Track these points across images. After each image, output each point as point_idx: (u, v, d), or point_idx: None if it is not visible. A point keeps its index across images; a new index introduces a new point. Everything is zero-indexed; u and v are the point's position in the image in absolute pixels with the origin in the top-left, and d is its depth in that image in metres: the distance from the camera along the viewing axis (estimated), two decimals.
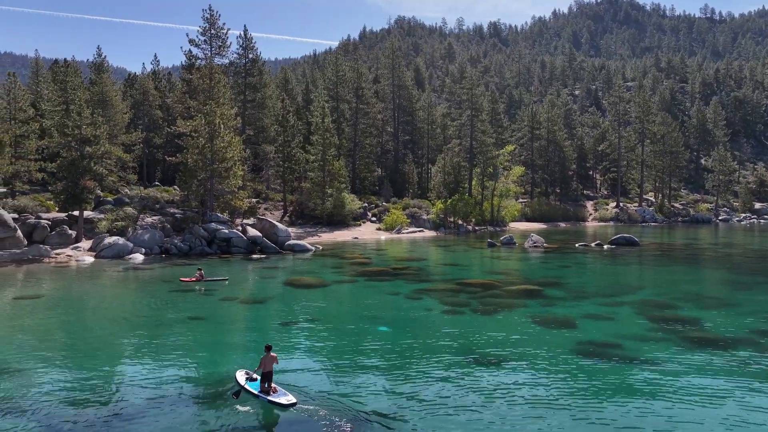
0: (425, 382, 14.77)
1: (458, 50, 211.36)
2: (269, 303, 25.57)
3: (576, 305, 24.48)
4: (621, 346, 17.99)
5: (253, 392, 13.11)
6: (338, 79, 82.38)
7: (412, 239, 59.12)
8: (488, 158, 72.92)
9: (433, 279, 31.65)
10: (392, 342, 18.92)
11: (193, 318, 22.21)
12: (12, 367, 15.91)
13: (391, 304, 25.26)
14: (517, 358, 16.78)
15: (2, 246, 39.19)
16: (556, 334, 19.70)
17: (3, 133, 44.66)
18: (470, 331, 20.13)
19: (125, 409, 12.82)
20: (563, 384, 14.54)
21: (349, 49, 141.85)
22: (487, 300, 25.37)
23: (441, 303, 24.79)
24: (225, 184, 47.61)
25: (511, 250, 47.49)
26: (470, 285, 28.86)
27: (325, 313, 23.44)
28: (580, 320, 21.56)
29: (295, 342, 19.05)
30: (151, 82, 79.33)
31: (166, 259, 40.19)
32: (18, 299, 25.69)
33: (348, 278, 31.89)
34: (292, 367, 15.92)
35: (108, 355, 17.69)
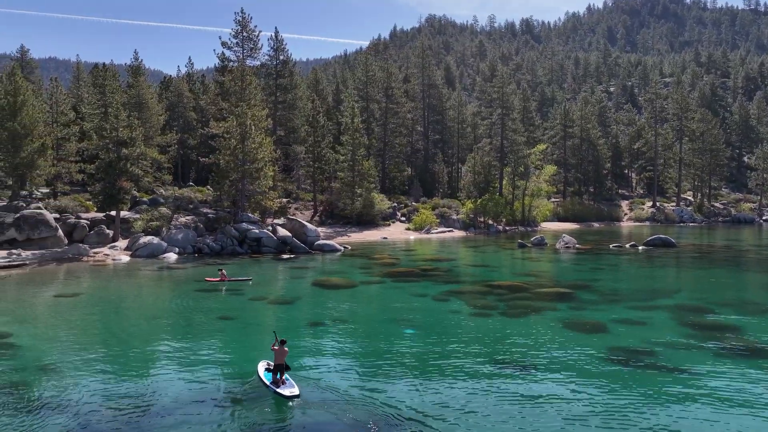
0: (447, 386, 14.65)
1: (489, 48, 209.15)
2: (297, 303, 25.80)
3: (608, 309, 23.91)
4: (654, 353, 17.48)
5: (266, 383, 13.93)
6: (368, 79, 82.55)
7: (442, 239, 58.83)
8: (519, 157, 71.93)
9: (462, 280, 31.41)
10: (418, 345, 18.86)
11: (223, 318, 22.59)
12: (50, 364, 16.47)
13: (418, 305, 25.17)
14: (545, 363, 16.49)
15: (44, 245, 40.70)
16: (586, 339, 19.28)
17: (45, 136, 46.28)
18: (497, 334, 19.89)
19: (154, 404, 13.13)
20: (592, 391, 14.20)
21: (379, 48, 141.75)
22: (515, 303, 25.03)
23: (468, 305, 24.58)
24: (256, 185, 48.28)
25: (542, 251, 46.76)
26: (499, 287, 28.53)
27: (352, 314, 23.53)
28: (611, 325, 21.06)
29: (322, 343, 19.16)
30: (186, 84, 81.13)
31: (199, 258, 41.01)
32: (58, 297, 26.61)
33: (376, 279, 31.93)
34: (316, 367, 16.03)
35: (140, 352, 18.14)
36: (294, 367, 15.48)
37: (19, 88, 44.80)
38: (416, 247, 50.75)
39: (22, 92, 44.80)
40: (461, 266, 37.60)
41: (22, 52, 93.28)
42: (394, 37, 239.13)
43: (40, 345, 18.71)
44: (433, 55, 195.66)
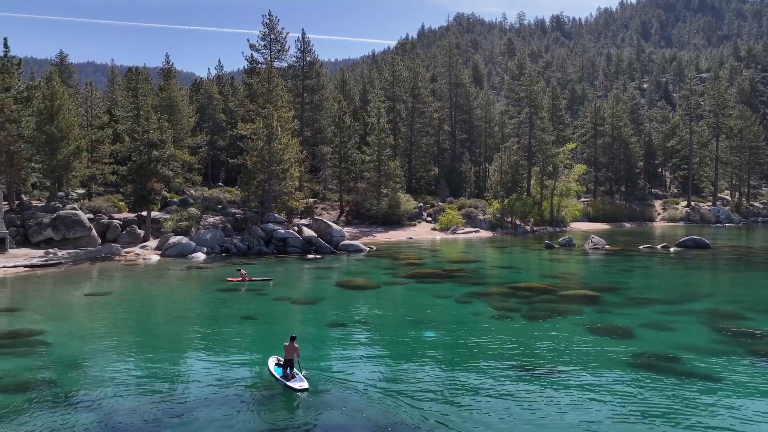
0: (462, 388, 14.53)
1: (519, 45, 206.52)
2: (320, 304, 25.97)
3: (635, 313, 23.35)
4: (681, 360, 17.00)
5: (276, 376, 14.72)
6: (394, 79, 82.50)
7: (468, 240, 58.41)
8: (548, 156, 70.83)
9: (486, 282, 31.12)
10: (436, 347, 18.78)
11: (246, 317, 22.92)
12: (77, 361, 16.99)
13: (440, 307, 25.06)
14: (566, 368, 16.20)
15: (79, 244, 41.98)
16: (610, 343, 18.86)
17: (80, 138, 47.72)
18: (519, 338, 19.63)
19: (173, 398, 13.43)
20: (613, 398, 13.88)
21: (407, 48, 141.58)
22: (539, 305, 24.68)
23: (491, 307, 24.33)
24: (282, 185, 48.81)
25: (570, 252, 45.96)
26: (523, 289, 28.17)
27: (373, 315, 23.56)
28: (638, 329, 20.56)
29: (341, 343, 19.25)
30: (216, 86, 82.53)
31: (226, 258, 41.68)
32: (90, 296, 27.42)
33: (399, 280, 31.91)
34: (333, 366, 16.13)
35: (163, 351, 18.52)
36: (311, 366, 15.65)
37: (55, 92, 46.30)
38: (441, 248, 50.52)
39: (59, 97, 46.28)
40: (486, 267, 37.24)
41: (61, 57, 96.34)
42: (422, 37, 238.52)
43: (69, 342, 19.32)
44: (460, 54, 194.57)
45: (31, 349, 18.29)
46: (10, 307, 25.04)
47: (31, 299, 27.04)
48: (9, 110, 44.21)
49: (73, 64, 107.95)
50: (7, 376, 15.68)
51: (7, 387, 14.82)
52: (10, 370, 16.22)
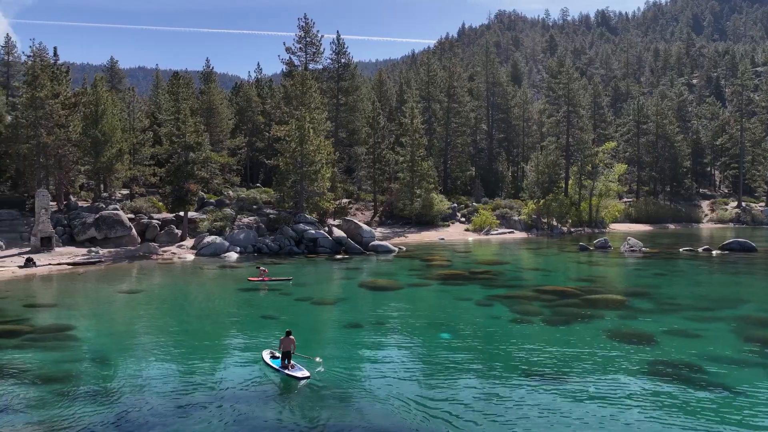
0: (467, 390, 14.44)
1: (561, 42, 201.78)
2: (340, 304, 26.26)
3: (661, 319, 22.58)
4: (702, 369, 16.33)
5: (275, 367, 15.74)
6: (429, 79, 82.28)
7: (501, 241, 57.66)
8: (586, 156, 69.10)
9: (510, 284, 30.69)
10: (450, 349, 18.69)
11: (266, 317, 23.43)
12: (101, 356, 17.81)
13: (460, 310, 24.91)
14: (575, 374, 15.84)
15: (120, 243, 43.82)
16: (628, 350, 18.31)
17: (122, 141, 49.78)
18: (535, 342, 19.31)
19: (188, 391, 13.92)
20: (621, 407, 13.49)
21: (445, 47, 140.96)
22: (561, 309, 24.17)
23: (511, 311, 24.01)
24: (314, 186, 49.51)
25: (605, 255, 44.72)
26: (547, 292, 27.65)
27: (391, 317, 23.63)
28: (661, 336, 19.88)
29: (354, 343, 19.42)
30: (255, 89, 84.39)
31: (258, 257, 42.60)
32: (123, 293, 28.63)
33: (423, 281, 31.87)
34: (342, 364, 16.33)
35: (184, 348, 19.16)
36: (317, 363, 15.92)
37: (100, 98, 48.48)
38: (473, 249, 50.08)
39: (103, 102, 48.43)
40: (514, 270, 36.70)
41: (112, 63, 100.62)
42: (462, 35, 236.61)
43: (96, 338, 20.26)
44: (501, 53, 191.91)
45: (60, 343, 19.27)
46: (50, 302, 26.45)
47: (68, 296, 28.48)
48: (57, 115, 46.55)
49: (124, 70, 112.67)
50: (35, 368, 16.62)
51: (34, 378, 15.72)
52: (39, 362, 17.17)
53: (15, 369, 16.50)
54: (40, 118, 45.38)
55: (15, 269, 34.32)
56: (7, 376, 15.90)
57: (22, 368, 16.55)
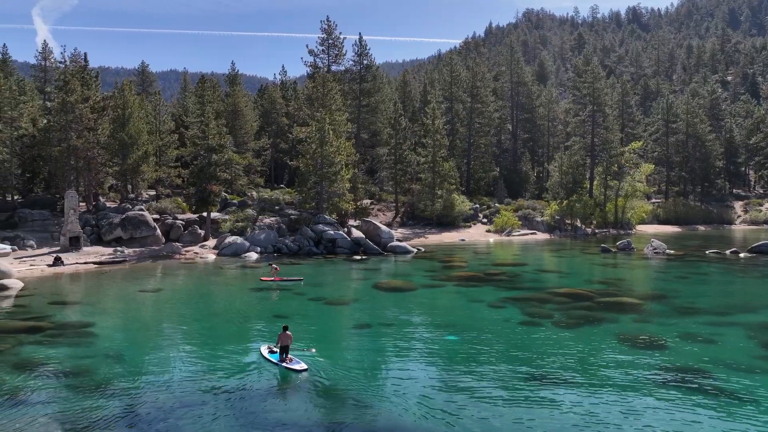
0: (468, 392, 14.47)
1: (590, 40, 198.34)
2: (352, 305, 26.50)
3: (676, 323, 22.13)
4: (712, 375, 16.00)
5: (274, 361, 16.53)
6: (452, 79, 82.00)
7: (523, 242, 57.11)
8: (612, 156, 67.87)
9: (525, 287, 30.44)
10: (456, 352, 18.73)
11: (277, 316, 23.80)
12: (116, 352, 18.40)
13: (470, 311, 24.89)
14: (581, 379, 15.70)
15: (145, 243, 45.01)
16: (638, 354, 18.02)
17: (148, 144, 51.12)
18: (543, 345, 19.18)
19: (192, 389, 14.35)
20: (624, 411, 13.34)
21: (470, 47, 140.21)
22: (573, 312, 23.91)
23: (522, 313, 23.86)
24: (334, 187, 49.95)
25: (628, 257, 43.87)
26: (561, 295, 27.34)
27: (401, 318, 23.75)
28: (674, 341, 19.51)
29: (361, 344, 19.65)
30: (279, 91, 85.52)
31: (277, 258, 43.15)
32: (143, 292, 29.45)
33: (437, 282, 31.88)
34: (347, 363, 16.55)
35: (195, 345, 19.68)
36: (322, 362, 16.17)
37: (127, 101, 49.90)
38: (492, 250, 49.77)
39: (130, 105, 49.82)
40: (531, 271, 36.35)
41: (142, 67, 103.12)
42: (489, 34, 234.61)
43: (112, 335, 20.96)
44: (528, 51, 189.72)
45: (78, 339, 20.01)
46: (73, 300, 27.43)
47: (91, 294, 29.47)
48: (87, 119, 48.09)
49: (156, 73, 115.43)
50: (51, 362, 17.34)
51: (51, 372, 16.42)
52: (55, 356, 17.90)
53: (35, 363, 17.23)
54: (71, 121, 46.97)
55: (44, 267, 35.65)
56: (27, 370, 16.62)
57: (40, 362, 17.27)
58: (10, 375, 16.25)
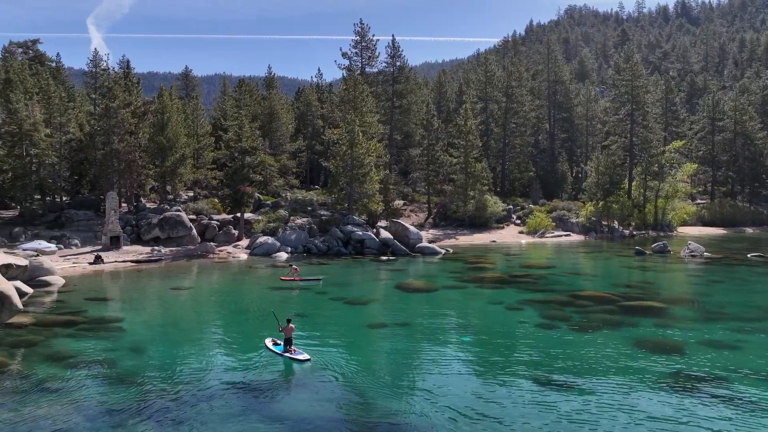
0: (474, 394, 14.60)
1: (635, 36, 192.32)
2: (371, 305, 26.87)
3: (699, 328, 21.51)
4: (728, 382, 15.56)
5: (278, 353, 17.68)
6: (487, 79, 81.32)
7: (556, 244, 56.15)
8: (651, 155, 65.83)
9: (548, 289, 30.07)
10: (467, 353, 18.86)
11: (298, 315, 24.36)
12: (140, 346, 19.39)
13: (487, 313, 24.86)
14: (591, 383, 15.50)
15: (181, 242, 46.69)
16: (653, 360, 17.64)
17: (186, 147, 52.99)
18: (554, 349, 19.01)
19: (209, 382, 15.05)
20: (630, 417, 13.20)
21: (508, 46, 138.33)
22: (593, 316, 23.54)
23: (540, 316, 23.66)
24: (363, 189, 50.51)
25: (663, 260, 42.56)
26: (583, 298, 26.92)
27: (417, 318, 23.95)
28: (693, 346, 19.02)
29: (372, 343, 20.00)
30: (315, 93, 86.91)
31: (307, 258, 44.04)
32: (173, 290, 30.71)
33: (460, 284, 31.88)
34: (353, 359, 16.95)
35: (216, 341, 20.50)
36: (331, 359, 16.60)
37: (165, 106, 51.90)
38: (522, 252, 49.20)
39: (168, 110, 51.79)
40: (558, 274, 35.79)
41: (186, 72, 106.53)
42: (529, 32, 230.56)
43: (139, 330, 22.00)
44: (570, 49, 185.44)
45: (107, 334, 21.14)
46: (107, 296, 28.89)
47: (125, 291, 30.92)
48: (128, 124, 50.30)
49: (201, 77, 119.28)
50: (79, 354, 18.44)
51: (76, 362, 17.50)
52: (83, 349, 18.99)
53: (65, 354, 18.36)
54: (113, 126, 49.25)
55: (86, 265, 37.56)
56: (57, 360, 17.78)
57: (70, 354, 18.39)
58: (41, 364, 17.43)
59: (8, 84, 51.82)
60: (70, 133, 52.37)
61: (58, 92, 52.97)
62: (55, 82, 58.68)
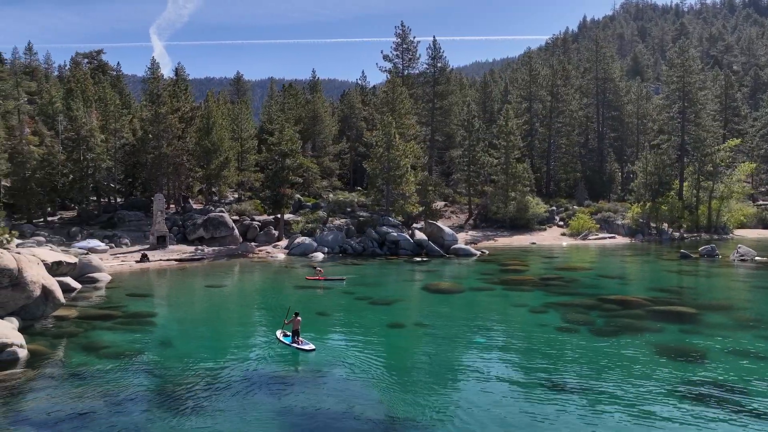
0: (480, 396, 14.70)
1: (696, 29, 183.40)
2: (394, 305, 27.15)
3: (728, 336, 20.61)
4: (748, 393, 14.88)
5: (287, 343, 19.04)
6: (531, 78, 79.90)
7: (599, 246, 54.60)
8: (705, 155, 62.85)
9: (577, 292, 29.45)
10: (477, 354, 18.87)
11: (320, 313, 25.12)
12: (169, 340, 20.56)
13: (508, 315, 24.70)
14: (597, 387, 15.24)
15: (224, 242, 48.55)
16: (670, 366, 17.10)
17: (230, 150, 55.04)
18: (568, 353, 18.76)
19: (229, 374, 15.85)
20: (629, 422, 13.02)
21: (558, 43, 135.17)
22: (617, 320, 22.97)
23: (562, 319, 23.30)
24: (399, 190, 50.89)
25: (709, 264, 40.67)
26: (611, 302, 26.25)
27: (437, 319, 24.08)
28: (716, 354, 18.30)
29: (385, 342, 20.32)
30: (359, 96, 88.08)
31: (342, 258, 44.85)
32: (208, 287, 32.09)
33: (488, 285, 31.71)
34: (365, 358, 17.43)
35: (240, 336, 21.43)
36: (340, 356, 17.11)
37: (211, 111, 54.09)
38: (561, 254, 48.16)
39: (213, 114, 53.96)
40: (592, 277, 34.90)
41: (237, 77, 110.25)
42: (583, 29, 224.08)
43: (170, 324, 23.27)
44: (625, 45, 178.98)
45: (139, 327, 22.47)
46: (147, 293, 30.54)
47: (164, 288, 32.59)
48: (175, 128, 52.77)
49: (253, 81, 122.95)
50: (112, 346, 19.73)
51: (108, 353, 18.77)
52: (115, 341, 20.30)
53: (99, 345, 19.71)
54: (162, 131, 51.78)
55: (132, 264, 39.76)
56: (91, 350, 19.15)
57: (103, 345, 19.73)
58: (76, 354, 18.85)
59: (69, 93, 55.46)
60: (124, 138, 55.45)
61: (114, 99, 56.19)
62: (114, 90, 62.32)
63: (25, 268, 20.58)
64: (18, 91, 60.35)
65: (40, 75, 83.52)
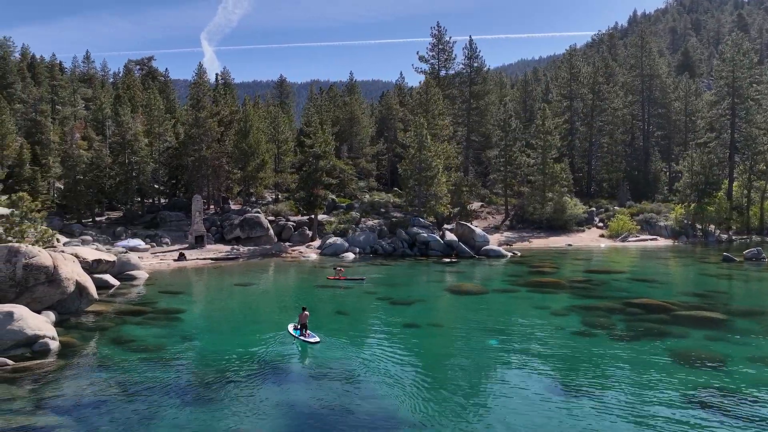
0: (486, 398, 14.81)
1: (757, 20, 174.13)
2: (414, 305, 27.30)
3: (754, 344, 19.79)
4: (761, 401, 14.40)
5: (295, 336, 20.37)
6: (572, 76, 78.17)
7: (639, 248, 52.94)
8: (756, 153, 59.90)
9: (602, 295, 28.79)
10: (490, 356, 18.86)
11: (340, 312, 25.64)
12: (192, 335, 21.47)
13: (528, 318, 24.44)
14: (607, 393, 15.00)
15: (259, 242, 49.93)
16: (685, 372, 16.63)
17: (266, 152, 56.51)
18: (582, 357, 18.45)
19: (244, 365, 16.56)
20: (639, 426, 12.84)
21: (603, 39, 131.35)
22: (639, 325, 22.39)
23: (582, 323, 22.92)
24: (431, 191, 50.94)
25: (754, 267, 38.81)
26: (636, 305, 25.57)
27: (454, 320, 24.16)
28: (737, 361, 17.65)
29: (398, 342, 20.54)
30: (396, 97, 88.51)
31: (372, 258, 45.32)
32: (238, 285, 33.17)
33: (512, 287, 31.42)
34: (373, 357, 17.76)
35: (262, 332, 22.06)
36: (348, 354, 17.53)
37: (248, 114, 55.69)
38: (597, 257, 47.01)
39: (251, 118, 55.54)
40: (622, 280, 33.97)
41: (281, 80, 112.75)
42: (633, 23, 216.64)
43: (195, 320, 24.28)
44: (677, 39, 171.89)
45: (167, 323, 23.57)
46: (178, 290, 31.83)
47: (196, 285, 33.89)
48: (214, 132, 54.63)
49: (295, 84, 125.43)
50: (137, 340, 20.80)
51: (132, 347, 19.80)
52: (142, 336, 21.39)
53: (126, 339, 20.82)
54: (202, 134, 53.71)
55: (170, 262, 41.51)
56: (119, 343, 20.26)
57: (130, 339, 20.82)
58: (104, 347, 20.01)
59: (118, 99, 58.34)
60: (168, 141, 57.84)
61: (158, 104, 58.71)
62: (161, 96, 65.09)
63: (60, 265, 21.97)
64: (75, 98, 64.09)
65: (97, 82, 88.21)
